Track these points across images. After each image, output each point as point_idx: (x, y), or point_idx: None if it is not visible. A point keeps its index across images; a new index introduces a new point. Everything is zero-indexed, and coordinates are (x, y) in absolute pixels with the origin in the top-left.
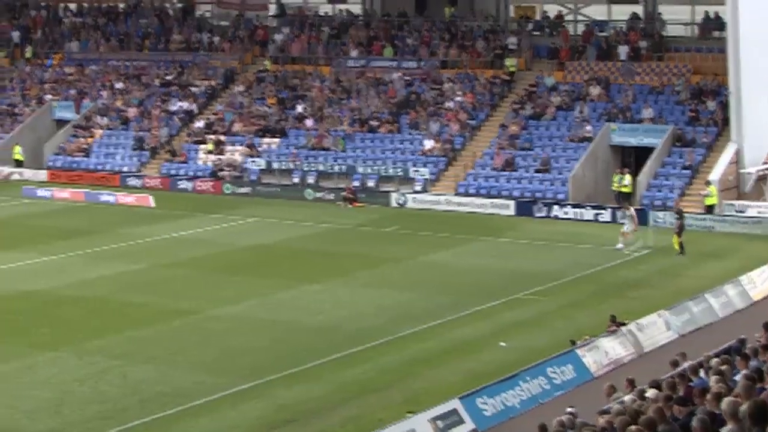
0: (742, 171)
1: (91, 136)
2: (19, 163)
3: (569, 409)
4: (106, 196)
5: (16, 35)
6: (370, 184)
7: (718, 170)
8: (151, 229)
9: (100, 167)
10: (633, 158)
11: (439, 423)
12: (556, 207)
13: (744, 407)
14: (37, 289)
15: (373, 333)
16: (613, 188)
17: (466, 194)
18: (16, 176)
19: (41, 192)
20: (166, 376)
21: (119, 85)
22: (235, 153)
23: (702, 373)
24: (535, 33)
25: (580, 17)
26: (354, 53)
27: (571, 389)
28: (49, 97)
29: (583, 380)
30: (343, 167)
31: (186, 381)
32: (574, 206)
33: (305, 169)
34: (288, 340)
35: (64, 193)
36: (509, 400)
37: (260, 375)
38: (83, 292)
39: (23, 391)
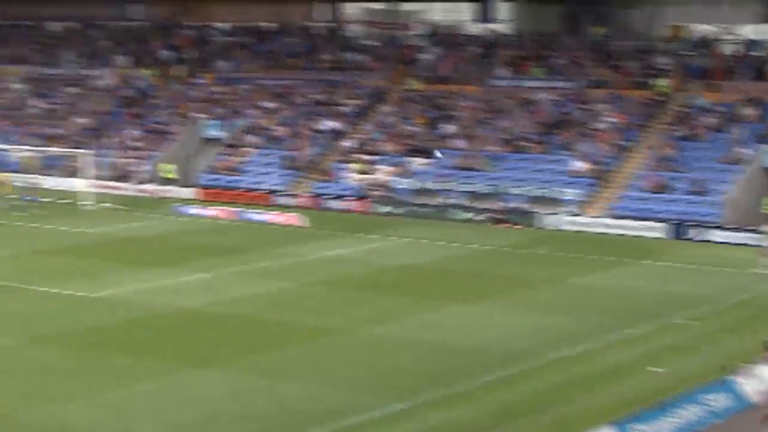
0: None
1: (241, 155)
2: (169, 181)
3: None
4: (256, 215)
5: (167, 54)
6: (519, 204)
7: None
8: (300, 248)
9: (249, 186)
10: None
11: None
12: (709, 230)
13: None
14: (187, 306)
15: (523, 355)
16: (763, 211)
17: (618, 216)
18: (167, 194)
19: (192, 210)
20: (315, 394)
21: (268, 104)
22: (383, 172)
23: None
24: (686, 53)
25: (732, 37)
26: (503, 73)
27: (728, 417)
28: (198, 115)
29: (739, 408)
30: (492, 188)
31: (335, 400)
32: (729, 229)
33: (453, 189)
34: (437, 360)
35: (215, 211)
36: (663, 428)
37: (409, 396)
38: (233, 310)
39: (173, 407)
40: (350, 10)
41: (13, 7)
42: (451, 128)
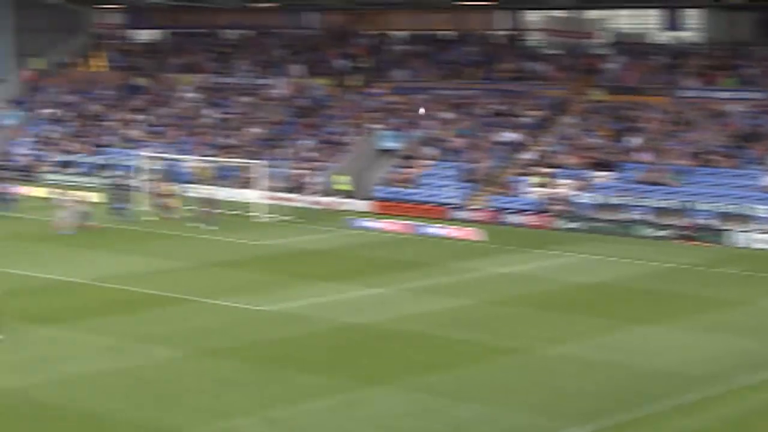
0: None
1: (417, 167)
2: (345, 193)
3: None
4: (432, 229)
5: (343, 64)
6: (707, 221)
7: None
8: (478, 264)
9: (425, 199)
10: None
11: None
12: None
13: None
14: (361, 321)
15: (709, 380)
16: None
17: None
18: (341, 206)
19: (366, 223)
20: (492, 416)
21: (446, 115)
22: (563, 186)
23: None
24: None
25: None
26: (691, 83)
27: None
28: (374, 126)
29: None
30: (679, 203)
31: (513, 422)
32: None
33: (638, 204)
34: (619, 383)
35: (390, 225)
36: None
37: (591, 419)
38: (408, 327)
39: (346, 425)
40: (531, 17)
41: (188, 15)
42: (636, 141)
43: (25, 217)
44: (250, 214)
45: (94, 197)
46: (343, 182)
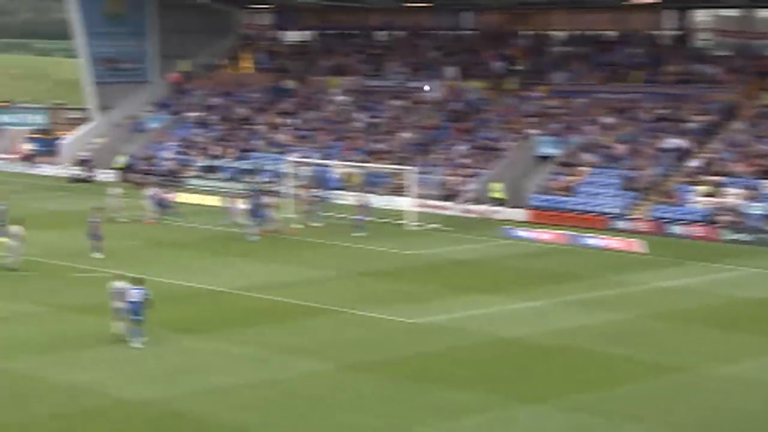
0: None
1: (576, 175)
2: (499, 202)
3: None
4: (591, 239)
5: (499, 66)
6: None
7: None
8: (639, 277)
9: (584, 208)
10: None
11: None
12: None
13: None
14: (516, 336)
15: None
16: None
17: None
18: (495, 215)
19: (522, 232)
20: None
21: (607, 120)
22: (732, 196)
23: None
24: None
25: None
26: None
27: None
28: (531, 131)
29: None
30: None
31: None
32: None
33: None
34: None
35: (546, 235)
36: None
37: None
38: (564, 341)
39: None
40: (701, 17)
41: (338, 15)
42: None
43: (172, 224)
44: (401, 222)
45: (241, 203)
46: (497, 190)
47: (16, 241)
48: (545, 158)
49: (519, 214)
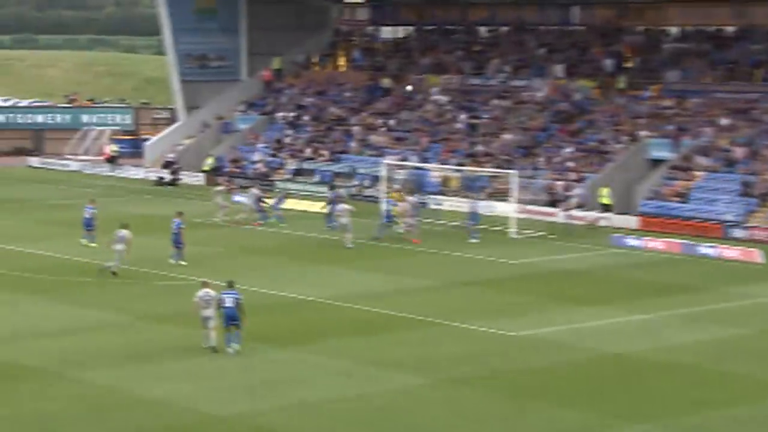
0: None
1: (690, 179)
2: (606, 208)
3: None
4: (706, 249)
5: (608, 63)
6: None
7: None
8: (758, 289)
9: (698, 215)
10: None
11: None
12: None
13: None
14: (623, 351)
15: None
16: None
17: None
18: (603, 222)
19: (631, 241)
20: None
21: (724, 121)
22: None
23: None
24: None
25: None
26: None
27: None
28: (643, 133)
29: None
30: None
31: None
32: None
33: None
34: None
35: (658, 243)
36: None
37: None
38: (677, 358)
39: None
40: None
41: (437, 10)
42: None
43: (266, 229)
44: (501, 228)
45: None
46: (604, 195)
47: (122, 245)
48: (657, 162)
49: (628, 220)
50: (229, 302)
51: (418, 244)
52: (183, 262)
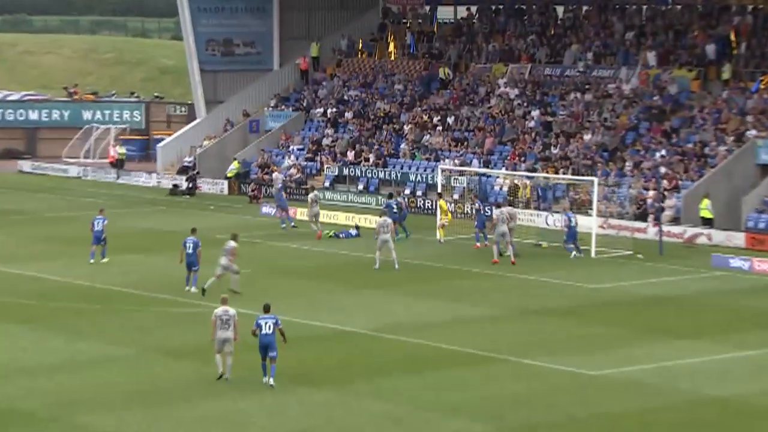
0: None
1: None
2: (707, 222)
3: None
4: None
5: (710, 50)
6: None
7: None
8: None
9: None
10: None
11: None
12: None
13: None
14: (724, 394)
15: None
16: None
17: None
18: (702, 239)
19: (736, 262)
20: None
21: None
22: None
23: None
24: None
25: None
26: None
27: None
28: (751, 133)
29: None
30: None
31: None
32: None
33: None
34: None
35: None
36: None
37: None
38: None
39: None
40: None
41: None
42: None
43: (300, 248)
44: (581, 246)
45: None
46: (705, 207)
47: (227, 257)
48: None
49: (734, 238)
50: (267, 329)
51: (496, 264)
52: (194, 289)
